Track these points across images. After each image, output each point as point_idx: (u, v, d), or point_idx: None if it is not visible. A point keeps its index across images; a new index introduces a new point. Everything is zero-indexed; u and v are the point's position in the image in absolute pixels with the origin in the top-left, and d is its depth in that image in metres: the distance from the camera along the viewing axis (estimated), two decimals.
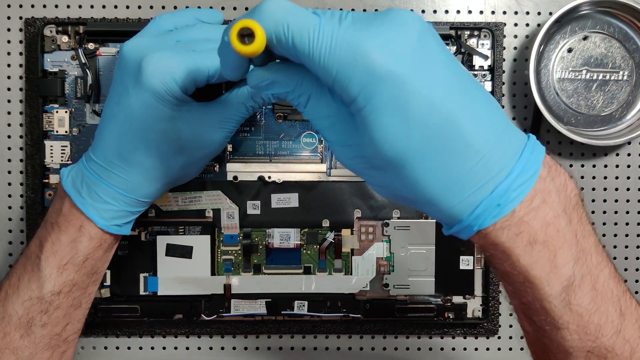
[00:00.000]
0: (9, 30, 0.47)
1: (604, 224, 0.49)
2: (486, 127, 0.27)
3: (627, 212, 0.49)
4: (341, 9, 0.47)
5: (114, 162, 0.37)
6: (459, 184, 0.27)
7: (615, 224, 0.49)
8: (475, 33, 0.47)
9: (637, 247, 0.49)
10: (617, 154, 0.49)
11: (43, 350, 0.38)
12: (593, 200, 0.49)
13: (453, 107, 0.26)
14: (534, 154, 0.28)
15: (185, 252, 0.47)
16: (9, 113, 0.47)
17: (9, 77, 0.47)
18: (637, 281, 0.49)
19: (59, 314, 0.38)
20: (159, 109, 0.36)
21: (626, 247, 0.49)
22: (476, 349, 0.49)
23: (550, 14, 0.47)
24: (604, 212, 0.49)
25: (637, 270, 0.49)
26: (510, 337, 0.49)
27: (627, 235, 0.49)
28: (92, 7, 0.47)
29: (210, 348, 0.49)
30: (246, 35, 0.25)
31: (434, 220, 0.47)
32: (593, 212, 0.49)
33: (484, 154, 0.26)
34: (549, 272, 0.27)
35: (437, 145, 0.26)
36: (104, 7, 0.47)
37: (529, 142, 0.28)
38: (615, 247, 0.49)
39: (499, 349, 0.49)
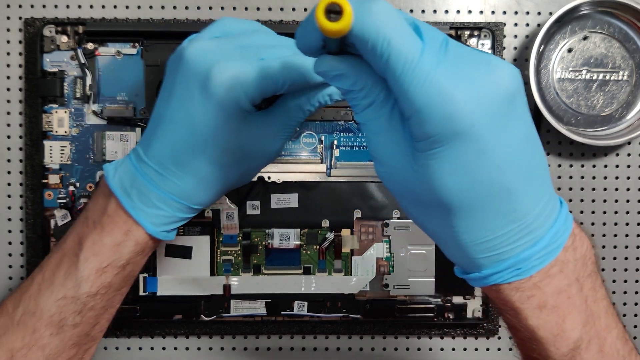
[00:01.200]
0: (8, 30, 0.47)
1: (604, 224, 0.49)
2: (536, 196, 0.27)
3: (627, 212, 0.49)
4: None
5: (169, 167, 0.35)
6: (491, 243, 0.28)
7: (616, 224, 0.49)
8: (475, 33, 0.46)
9: (637, 247, 0.49)
10: (617, 154, 0.49)
11: (70, 349, 0.37)
12: (593, 200, 0.49)
13: (516, 175, 0.26)
14: (565, 224, 0.29)
15: (184, 252, 0.47)
16: (8, 113, 0.47)
17: (8, 77, 0.47)
18: (637, 281, 0.49)
19: (92, 315, 0.37)
20: (225, 120, 0.34)
21: (626, 247, 0.49)
22: (476, 349, 0.49)
23: (550, 14, 0.47)
24: (604, 212, 0.49)
25: (637, 270, 0.49)
26: (510, 338, 0.49)
27: (627, 235, 0.49)
28: (91, 7, 0.47)
29: (210, 348, 0.49)
30: (333, 13, 0.23)
31: None
32: (593, 212, 0.49)
33: (525, 221, 0.27)
34: (556, 335, 0.28)
35: (489, 205, 0.27)
36: (103, 7, 0.47)
37: (562, 210, 0.29)
38: (615, 247, 0.49)
39: (499, 349, 0.49)
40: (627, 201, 0.49)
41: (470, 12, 0.48)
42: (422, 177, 0.27)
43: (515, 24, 0.48)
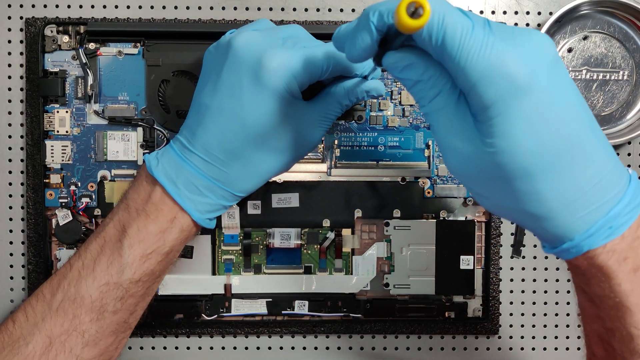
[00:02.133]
0: (9, 30, 0.47)
1: None
2: (606, 150, 0.28)
3: None
4: (341, 10, 0.48)
5: (217, 155, 0.36)
6: (578, 202, 0.28)
7: None
8: None
9: None
10: (618, 154, 0.49)
11: (108, 336, 0.37)
12: None
13: (582, 127, 0.27)
14: (639, 183, 0.29)
15: (185, 251, 0.47)
16: (9, 113, 0.47)
17: (9, 77, 0.47)
18: None
19: (132, 302, 0.38)
20: (276, 106, 0.35)
21: None
22: (476, 349, 0.49)
23: (551, 13, 0.47)
24: None
25: None
26: (511, 337, 0.49)
27: None
28: (92, 7, 0.47)
29: (211, 348, 0.49)
30: (413, 7, 0.25)
31: (434, 220, 0.47)
32: None
33: (604, 175, 0.28)
34: None
35: (565, 160, 0.27)
36: (104, 7, 0.47)
37: (633, 173, 0.30)
38: None
39: (499, 349, 0.49)
40: None
41: (470, 12, 0.48)
42: (495, 151, 0.27)
43: (516, 24, 0.48)
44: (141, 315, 0.40)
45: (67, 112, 0.46)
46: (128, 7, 0.47)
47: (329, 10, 0.48)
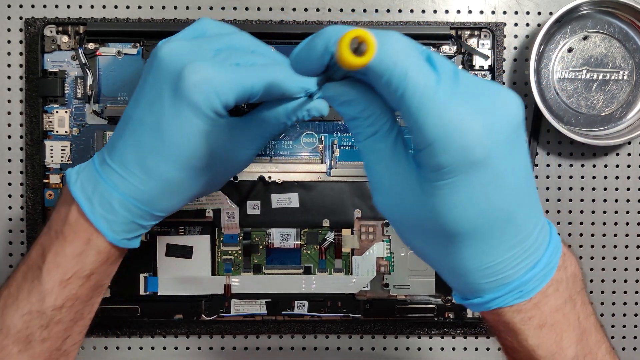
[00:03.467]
0: (9, 30, 0.47)
1: (604, 224, 0.49)
2: (534, 220, 0.28)
3: (627, 212, 0.49)
4: (341, 10, 0.47)
5: (133, 171, 0.34)
6: (494, 268, 0.28)
7: (616, 224, 0.49)
8: (476, 33, 0.47)
9: (637, 247, 0.49)
10: (617, 154, 0.49)
11: None
12: (593, 200, 0.49)
13: (521, 199, 0.27)
14: (557, 245, 0.30)
15: (185, 252, 0.47)
16: (9, 113, 0.47)
17: (9, 77, 0.47)
18: (637, 281, 0.49)
19: (60, 328, 0.36)
20: (195, 122, 0.33)
21: (626, 247, 0.49)
22: (476, 349, 0.49)
23: (551, 13, 0.47)
24: (604, 212, 0.49)
25: (637, 270, 0.49)
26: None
27: (627, 235, 0.49)
28: (92, 7, 0.47)
29: (211, 348, 0.49)
30: (356, 43, 0.23)
31: None
32: (593, 212, 0.49)
33: (526, 244, 0.28)
34: (554, 353, 0.29)
35: (495, 231, 0.27)
36: (104, 7, 0.47)
37: (552, 232, 0.30)
38: (615, 247, 0.49)
39: (499, 349, 0.49)
40: (627, 201, 0.49)
41: (470, 12, 0.48)
42: (430, 206, 0.27)
43: (516, 24, 0.48)
44: (81, 340, 0.38)
45: (66, 112, 0.46)
46: (127, 7, 0.47)
47: (329, 10, 0.48)
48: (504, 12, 0.48)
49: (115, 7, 0.47)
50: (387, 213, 0.29)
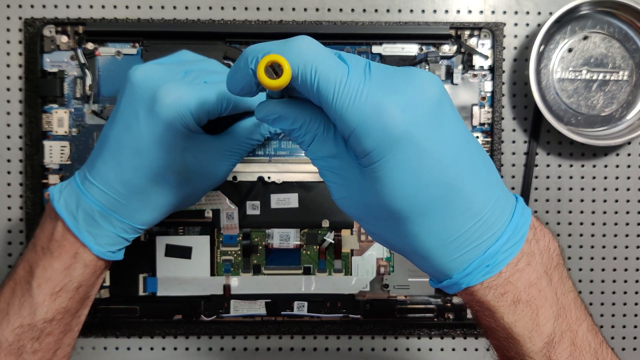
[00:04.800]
0: (8, 30, 0.47)
1: (604, 224, 0.49)
2: (486, 191, 0.28)
3: (627, 212, 0.49)
4: (341, 10, 0.47)
5: (115, 187, 0.36)
6: (454, 244, 0.28)
7: (615, 224, 0.49)
8: (476, 33, 0.46)
9: (637, 247, 0.49)
10: (617, 154, 0.49)
11: None
12: (593, 201, 0.49)
13: (461, 171, 0.27)
14: (523, 217, 0.29)
15: (184, 252, 0.47)
16: (8, 113, 0.47)
17: (8, 78, 0.47)
18: (637, 281, 0.49)
19: (50, 340, 0.38)
20: (171, 139, 0.35)
21: (626, 247, 0.49)
22: (476, 350, 0.49)
23: (550, 14, 0.47)
24: (604, 212, 0.49)
25: (637, 270, 0.49)
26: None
27: (627, 236, 0.49)
28: (91, 7, 0.47)
29: (210, 349, 0.49)
30: (272, 67, 0.26)
31: None
32: (593, 212, 0.49)
33: (482, 216, 0.28)
34: (531, 330, 0.29)
35: (442, 205, 0.27)
36: (103, 7, 0.47)
37: (517, 205, 0.30)
38: (615, 247, 0.49)
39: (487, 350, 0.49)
40: (627, 201, 0.49)
41: (470, 12, 0.48)
42: (373, 192, 0.28)
43: (515, 24, 0.48)
44: (70, 352, 0.40)
45: (65, 112, 0.46)
46: (127, 7, 0.47)
47: (329, 10, 0.48)
48: (504, 12, 0.48)
49: (115, 7, 0.47)
50: (346, 208, 0.30)
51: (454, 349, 0.49)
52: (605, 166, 0.49)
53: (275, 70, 0.26)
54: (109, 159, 0.36)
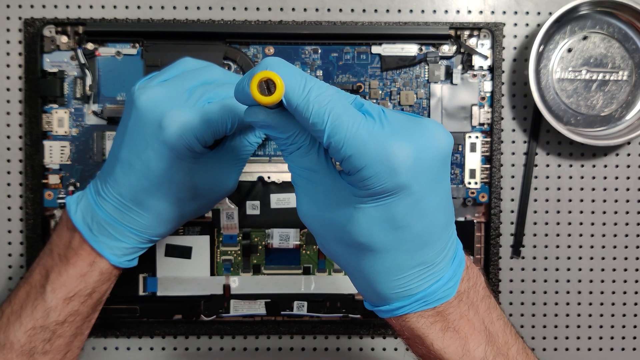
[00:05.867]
0: (8, 30, 0.47)
1: (604, 224, 0.49)
2: (445, 243, 0.31)
3: (627, 212, 0.49)
4: (340, 10, 0.47)
5: (128, 205, 0.37)
6: (403, 279, 0.30)
7: (615, 224, 0.49)
8: (475, 33, 0.46)
9: (637, 247, 0.49)
10: (617, 154, 0.49)
11: None
12: (593, 201, 0.49)
13: (436, 226, 0.30)
14: (461, 261, 0.32)
15: (184, 252, 0.47)
16: (8, 113, 0.47)
17: (8, 78, 0.47)
18: (637, 281, 0.49)
19: (61, 342, 0.39)
20: (179, 163, 0.36)
21: (626, 247, 0.49)
22: None
23: (550, 14, 0.47)
24: (604, 212, 0.49)
25: (637, 270, 0.49)
26: None
27: (627, 236, 0.49)
28: (91, 7, 0.47)
29: (210, 349, 0.49)
30: (266, 83, 0.26)
31: None
32: (593, 212, 0.49)
33: (434, 264, 0.30)
34: (462, 355, 0.31)
35: (406, 248, 0.29)
36: (103, 7, 0.47)
37: (458, 250, 0.32)
38: (615, 247, 0.49)
39: None
40: (627, 201, 0.49)
41: (470, 12, 0.48)
42: (351, 219, 0.29)
43: (515, 24, 0.48)
44: (78, 353, 0.41)
45: (65, 112, 0.46)
46: (127, 7, 0.47)
47: (328, 10, 0.48)
48: (504, 12, 0.48)
49: (115, 7, 0.47)
50: (310, 221, 0.31)
51: None
52: (605, 166, 0.49)
53: (268, 86, 0.26)
54: (121, 179, 0.37)
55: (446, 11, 0.48)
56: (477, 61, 0.47)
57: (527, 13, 0.48)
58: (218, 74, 0.39)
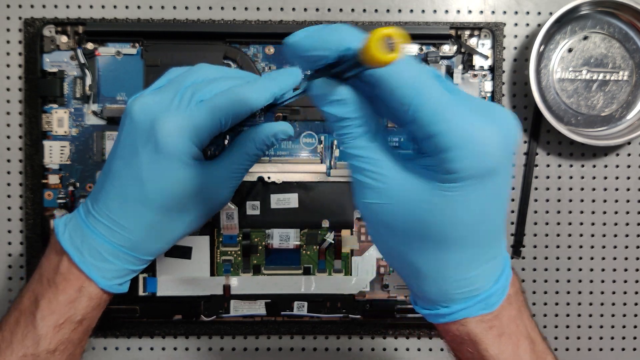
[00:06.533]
0: (8, 30, 0.47)
1: (604, 224, 0.49)
2: (504, 236, 0.30)
3: (627, 212, 0.49)
4: (341, 10, 0.47)
5: (119, 221, 0.36)
6: (473, 278, 0.29)
7: (615, 224, 0.49)
8: (476, 33, 0.46)
9: (637, 247, 0.49)
10: (617, 154, 0.49)
11: None
12: (593, 201, 0.49)
13: (504, 215, 0.29)
14: (509, 261, 0.31)
15: (184, 252, 0.47)
16: (8, 113, 0.47)
17: (8, 77, 0.47)
18: (637, 281, 0.49)
19: None
20: (172, 171, 0.35)
21: (626, 247, 0.49)
22: None
23: (550, 14, 0.47)
24: (604, 212, 0.49)
25: (637, 270, 0.49)
26: None
27: (627, 236, 0.49)
28: (91, 7, 0.47)
29: (210, 349, 0.49)
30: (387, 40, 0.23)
31: None
32: (593, 212, 0.49)
33: (495, 258, 0.29)
34: None
35: (482, 242, 0.28)
36: (103, 7, 0.47)
37: (505, 254, 0.31)
38: (615, 247, 0.49)
39: None
40: (627, 201, 0.49)
41: (470, 12, 0.48)
42: (428, 208, 0.27)
43: (515, 24, 0.48)
44: None
45: (65, 112, 0.46)
46: (127, 7, 0.47)
47: (329, 10, 0.48)
48: (504, 12, 0.48)
49: (115, 7, 0.47)
50: (374, 214, 0.29)
51: None
52: (605, 166, 0.49)
53: (390, 45, 0.23)
54: (112, 193, 0.36)
55: (446, 11, 0.48)
56: (477, 61, 0.46)
57: (528, 13, 0.48)
58: (207, 71, 0.38)
